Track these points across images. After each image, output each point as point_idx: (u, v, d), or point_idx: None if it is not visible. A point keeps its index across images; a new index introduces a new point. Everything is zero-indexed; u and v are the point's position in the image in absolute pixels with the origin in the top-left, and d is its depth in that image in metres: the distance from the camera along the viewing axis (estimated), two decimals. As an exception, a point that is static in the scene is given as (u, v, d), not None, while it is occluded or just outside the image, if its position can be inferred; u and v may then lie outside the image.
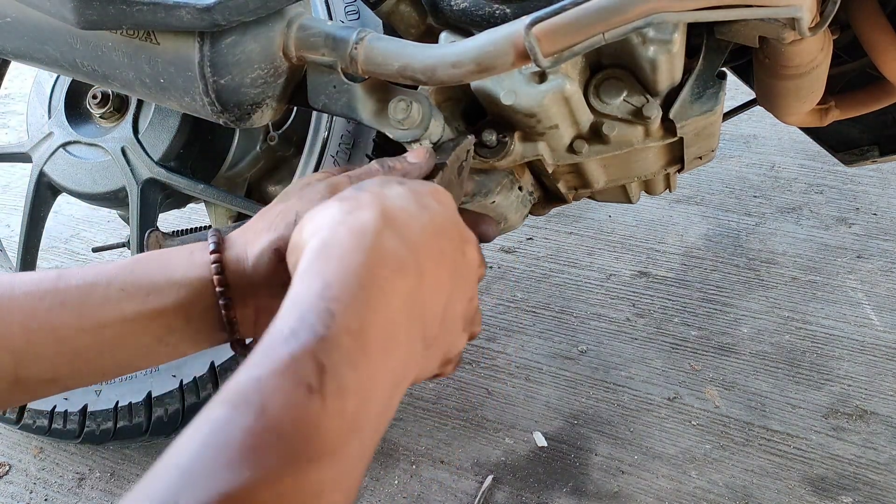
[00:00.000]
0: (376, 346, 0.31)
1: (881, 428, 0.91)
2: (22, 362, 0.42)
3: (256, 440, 0.25)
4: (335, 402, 0.28)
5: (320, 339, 0.29)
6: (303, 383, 0.27)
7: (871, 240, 1.26)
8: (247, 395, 0.27)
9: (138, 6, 0.52)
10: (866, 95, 0.73)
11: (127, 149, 0.86)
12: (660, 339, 1.08)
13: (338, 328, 0.30)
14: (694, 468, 0.88)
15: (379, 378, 0.31)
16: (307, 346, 0.29)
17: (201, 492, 0.23)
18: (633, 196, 0.79)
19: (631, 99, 0.60)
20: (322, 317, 0.30)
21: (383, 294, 0.33)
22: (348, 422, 0.29)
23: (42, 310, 0.42)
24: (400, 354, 0.33)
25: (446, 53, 0.50)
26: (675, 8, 0.44)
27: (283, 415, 0.26)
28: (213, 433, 0.25)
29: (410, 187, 0.41)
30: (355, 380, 0.29)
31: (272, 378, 0.27)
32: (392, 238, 0.35)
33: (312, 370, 0.28)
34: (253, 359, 0.29)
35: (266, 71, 0.56)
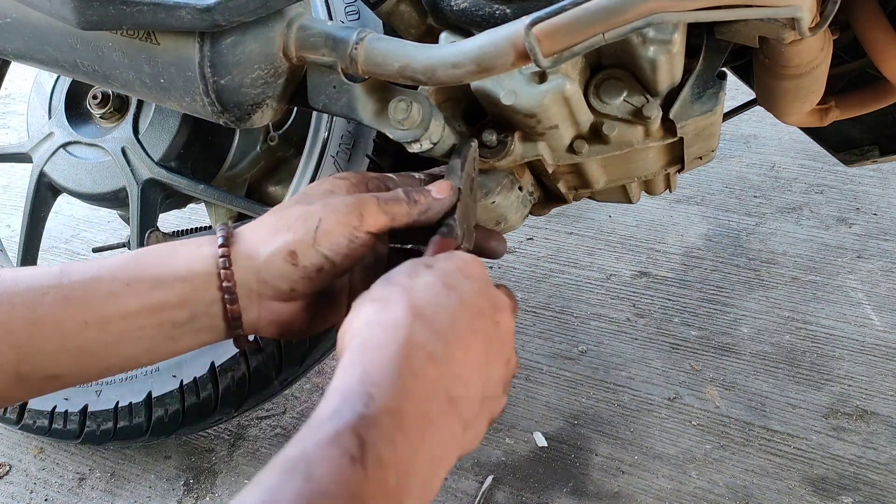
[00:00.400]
0: (412, 425, 0.34)
1: (881, 428, 0.91)
2: (25, 358, 0.41)
3: (306, 502, 0.28)
4: (376, 473, 0.30)
5: (361, 416, 0.32)
6: (346, 453, 0.30)
7: (871, 240, 1.26)
8: (295, 463, 0.29)
9: (139, 6, 0.52)
10: (866, 95, 0.73)
11: (127, 149, 0.86)
12: (660, 340, 1.08)
13: (377, 408, 0.33)
14: (694, 468, 0.88)
15: (418, 455, 0.34)
16: (349, 422, 0.31)
17: None
18: (633, 196, 0.79)
19: (631, 99, 0.60)
20: (362, 398, 0.33)
21: (416, 380, 0.36)
22: (390, 493, 0.31)
23: (45, 305, 0.42)
24: (437, 433, 0.36)
25: (446, 54, 0.50)
26: (675, 8, 0.44)
27: (330, 480, 0.29)
28: (265, 496, 0.28)
29: (438, 271, 0.42)
30: (394, 454, 0.32)
31: (318, 449, 0.30)
32: (421, 331, 0.37)
33: (354, 443, 0.31)
34: (299, 435, 0.32)
35: (266, 71, 0.56)
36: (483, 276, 0.44)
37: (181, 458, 0.94)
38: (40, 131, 0.93)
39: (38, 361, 0.42)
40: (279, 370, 0.79)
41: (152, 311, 0.43)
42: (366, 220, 0.46)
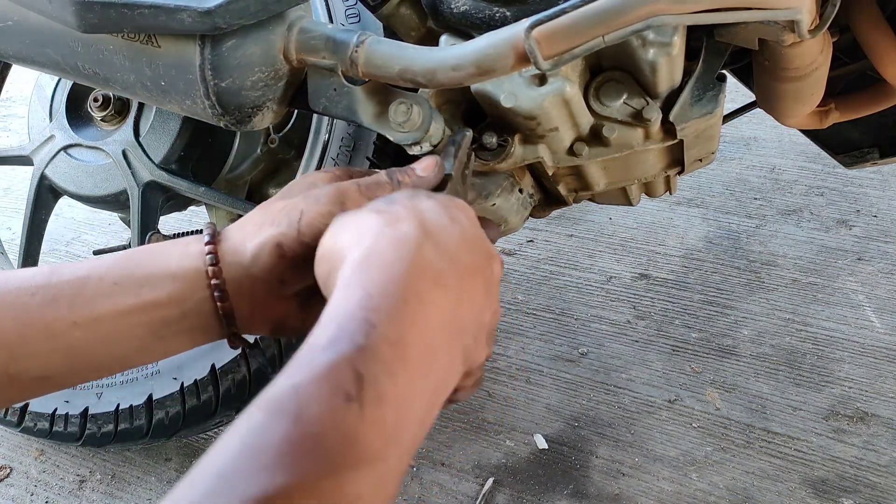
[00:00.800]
0: (416, 358, 0.31)
1: (882, 430, 0.91)
2: (14, 359, 0.41)
3: (294, 446, 0.25)
4: (373, 412, 0.28)
5: (359, 348, 0.29)
6: (341, 391, 0.27)
7: (871, 242, 1.26)
8: (283, 402, 0.27)
9: (139, 9, 0.52)
10: (866, 97, 0.73)
11: (128, 152, 0.86)
12: (660, 342, 1.08)
13: (377, 338, 0.30)
14: (695, 470, 0.88)
15: (418, 390, 0.31)
16: (346, 355, 0.29)
17: (237, 495, 0.23)
18: (633, 198, 0.79)
19: (631, 101, 0.60)
20: (362, 327, 0.30)
21: (423, 306, 0.33)
22: (387, 432, 0.28)
23: (34, 305, 0.41)
24: (439, 367, 0.33)
25: (446, 56, 0.50)
26: (675, 10, 0.44)
27: (321, 422, 0.26)
28: (250, 438, 0.25)
29: (439, 201, 0.41)
30: (394, 391, 0.29)
31: (309, 386, 0.27)
32: (431, 250, 0.35)
33: (351, 379, 0.28)
34: (290, 367, 0.29)
35: (267, 74, 0.56)
36: (478, 223, 0.43)
37: (182, 460, 0.94)
38: (41, 134, 0.93)
39: (27, 362, 0.41)
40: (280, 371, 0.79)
41: (142, 309, 0.42)
42: (348, 206, 0.45)
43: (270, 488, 0.23)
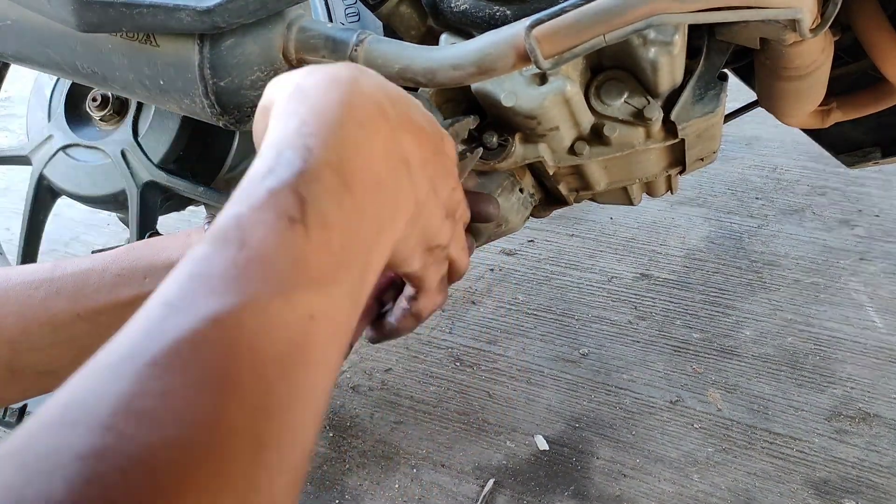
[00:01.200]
0: (360, 184, 0.30)
1: (884, 431, 0.91)
2: (17, 353, 0.41)
3: (241, 270, 0.24)
4: (320, 234, 0.27)
5: (299, 172, 0.28)
6: (284, 216, 0.26)
7: (873, 242, 1.25)
8: (227, 231, 0.26)
9: (138, 9, 0.52)
10: (868, 97, 0.73)
11: (127, 152, 0.86)
12: (662, 342, 1.08)
13: (317, 162, 0.29)
14: (696, 471, 0.88)
15: (366, 218, 0.30)
16: (286, 180, 0.28)
17: (186, 319, 0.22)
18: (634, 198, 0.79)
19: (632, 100, 0.60)
20: (300, 152, 0.29)
21: (364, 131, 0.31)
22: (336, 254, 0.28)
23: (37, 299, 0.41)
24: (386, 198, 0.32)
25: (446, 55, 0.50)
26: (676, 9, 0.44)
27: (267, 245, 0.25)
28: (196, 268, 0.24)
29: None
30: (339, 215, 0.28)
31: (252, 213, 0.26)
32: (370, 85, 0.34)
33: (293, 203, 0.27)
34: (231, 200, 0.28)
35: (266, 73, 0.56)
36: None
37: (181, 461, 0.94)
38: (40, 134, 0.93)
39: (30, 357, 0.41)
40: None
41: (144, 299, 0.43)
42: None
43: (220, 310, 0.23)
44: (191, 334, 0.22)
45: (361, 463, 0.92)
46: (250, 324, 0.23)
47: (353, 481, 0.90)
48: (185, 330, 0.22)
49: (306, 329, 0.25)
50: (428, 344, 1.11)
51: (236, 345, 0.22)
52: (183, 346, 0.21)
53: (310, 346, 0.25)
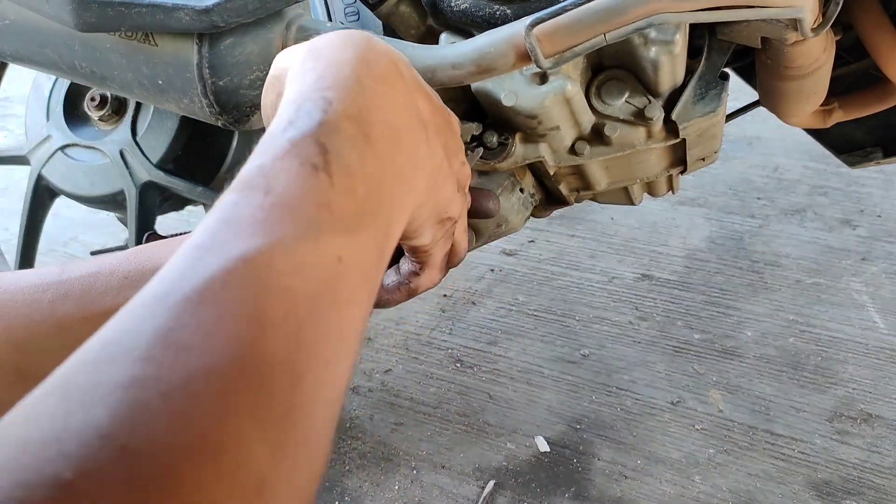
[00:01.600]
0: (379, 135, 0.30)
1: (886, 431, 0.90)
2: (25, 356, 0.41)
3: (268, 213, 0.25)
4: (343, 181, 0.27)
5: (320, 123, 0.28)
6: (307, 163, 0.27)
7: (875, 242, 1.25)
8: (252, 179, 0.26)
9: (137, 8, 0.51)
10: (870, 97, 0.73)
11: (125, 151, 0.86)
12: (663, 343, 1.07)
13: (337, 114, 0.29)
14: (697, 473, 0.87)
15: (387, 169, 0.30)
16: (307, 130, 0.28)
17: (217, 259, 0.22)
18: (635, 198, 0.78)
19: (633, 100, 0.60)
20: (319, 104, 0.29)
21: (380, 86, 0.32)
22: (360, 202, 0.28)
23: (45, 301, 0.41)
24: (406, 150, 0.32)
25: (446, 55, 0.50)
26: (677, 9, 0.43)
27: (292, 191, 0.26)
28: (223, 213, 0.25)
29: None
30: (360, 164, 0.28)
31: (275, 163, 0.26)
32: (383, 46, 0.34)
33: (316, 151, 0.27)
34: (254, 153, 0.28)
35: (265, 72, 0.56)
36: None
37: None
38: (38, 134, 0.93)
39: (37, 359, 0.41)
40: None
41: None
42: None
43: (250, 250, 0.23)
44: (223, 273, 0.22)
45: (361, 464, 0.92)
46: (280, 264, 0.23)
47: (353, 483, 0.90)
48: (217, 269, 0.22)
49: (335, 270, 0.25)
50: (428, 345, 1.11)
51: (267, 282, 0.23)
52: (216, 284, 0.22)
53: (339, 287, 0.25)
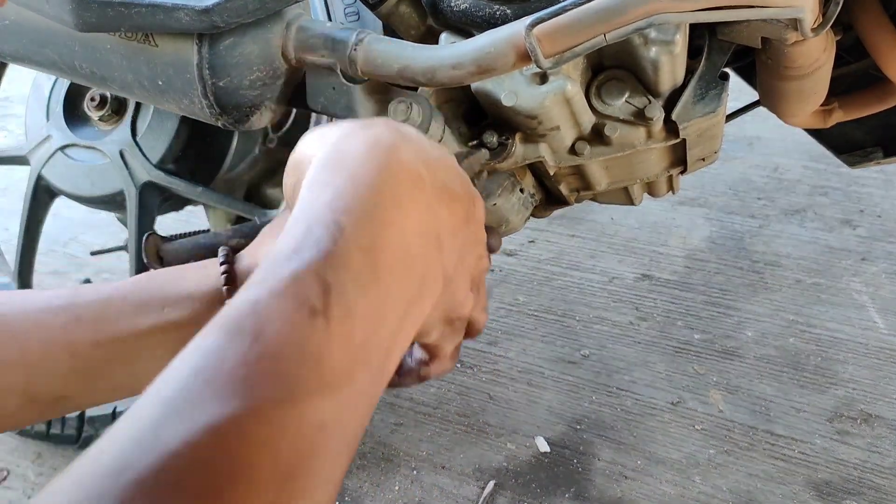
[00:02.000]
0: (390, 266, 0.28)
1: (886, 432, 0.90)
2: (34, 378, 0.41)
3: (250, 368, 0.22)
4: (341, 328, 0.25)
5: (327, 255, 0.26)
6: (305, 305, 0.25)
7: (875, 242, 1.25)
8: (242, 319, 0.24)
9: (137, 8, 0.51)
10: (870, 97, 0.73)
11: (125, 152, 0.86)
12: (663, 343, 1.07)
13: (347, 244, 0.27)
14: (698, 473, 0.87)
15: (391, 302, 0.28)
16: (312, 263, 0.26)
17: (184, 424, 0.20)
18: (635, 198, 0.78)
19: (633, 100, 0.60)
20: (330, 230, 0.27)
21: (400, 208, 0.30)
22: (355, 350, 0.26)
23: (57, 326, 0.41)
24: (415, 277, 0.30)
25: (446, 55, 0.50)
26: (677, 9, 0.43)
27: (282, 340, 0.24)
28: (202, 362, 0.23)
29: None
30: (364, 303, 0.26)
31: (271, 300, 0.24)
32: (409, 153, 0.32)
33: (317, 291, 0.25)
34: (252, 280, 0.26)
35: (265, 73, 0.56)
36: None
37: (180, 462, 0.94)
38: (38, 134, 0.93)
39: (47, 383, 0.41)
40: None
41: (164, 329, 0.42)
42: None
43: (221, 417, 0.21)
44: (186, 448, 0.20)
45: (361, 465, 0.92)
46: (254, 434, 0.21)
47: (353, 483, 0.90)
48: (180, 441, 0.20)
49: (315, 440, 0.23)
50: (428, 345, 1.11)
51: (236, 460, 0.20)
52: (177, 462, 0.20)
53: (317, 459, 0.23)
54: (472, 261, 0.39)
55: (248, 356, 0.23)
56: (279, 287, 0.25)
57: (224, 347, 0.23)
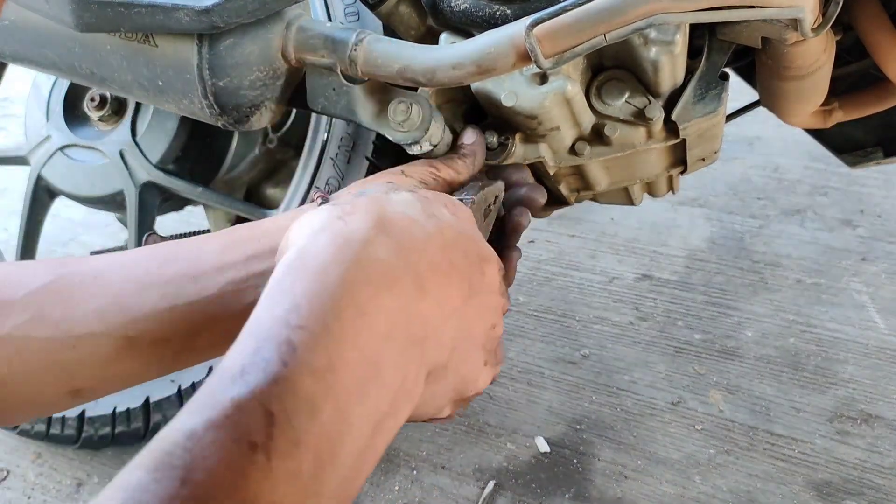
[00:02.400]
0: (349, 385, 0.26)
1: (886, 432, 0.90)
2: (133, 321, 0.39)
3: None
4: (284, 462, 0.23)
5: (273, 380, 0.24)
6: (244, 439, 0.22)
7: (875, 242, 1.25)
8: (172, 454, 0.22)
9: (136, 9, 0.51)
10: (870, 97, 0.73)
11: (125, 152, 0.86)
12: (663, 343, 1.07)
13: (298, 367, 0.25)
14: (698, 473, 0.87)
15: (353, 419, 0.26)
16: (255, 390, 0.23)
17: None
18: (635, 198, 0.78)
19: (633, 100, 0.60)
20: (280, 351, 0.25)
21: (364, 318, 0.28)
22: (303, 484, 0.23)
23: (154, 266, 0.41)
24: (385, 390, 0.28)
25: (446, 55, 0.50)
26: (677, 9, 0.43)
27: (215, 482, 0.21)
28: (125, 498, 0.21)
29: (421, 194, 0.37)
30: (316, 430, 0.24)
31: (207, 432, 0.22)
32: (385, 247, 0.30)
33: (259, 421, 0.23)
34: (191, 404, 0.24)
35: (265, 73, 0.56)
36: (471, 223, 0.38)
37: (180, 463, 0.94)
38: (38, 134, 0.93)
39: (145, 325, 0.39)
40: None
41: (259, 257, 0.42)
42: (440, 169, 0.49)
43: None
44: None
45: (361, 464, 0.92)
46: None
47: (353, 483, 0.90)
48: None
49: None
50: (428, 345, 1.10)
51: None
52: None
53: None
54: (481, 333, 0.37)
55: (175, 497, 0.21)
56: (218, 416, 0.23)
57: (147, 488, 0.21)
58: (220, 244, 0.43)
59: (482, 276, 0.36)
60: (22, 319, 0.37)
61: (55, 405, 0.40)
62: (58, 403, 0.40)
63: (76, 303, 0.39)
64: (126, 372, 0.41)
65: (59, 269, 0.40)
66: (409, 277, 0.31)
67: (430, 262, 0.32)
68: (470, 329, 0.35)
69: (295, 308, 0.27)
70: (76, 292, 0.39)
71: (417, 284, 0.31)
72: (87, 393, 0.41)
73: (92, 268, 0.41)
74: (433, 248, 0.33)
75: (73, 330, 0.38)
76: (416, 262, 0.31)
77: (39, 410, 0.41)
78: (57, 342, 0.38)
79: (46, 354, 0.38)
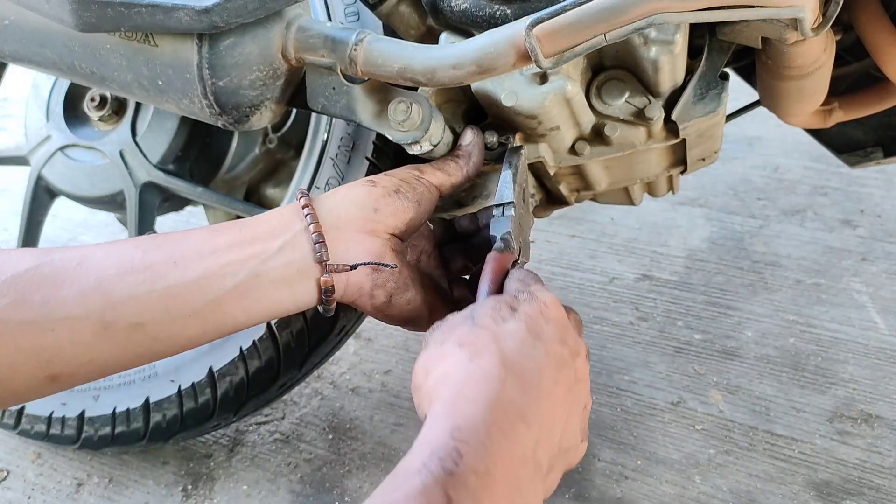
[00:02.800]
0: (500, 488, 0.34)
1: (886, 432, 0.90)
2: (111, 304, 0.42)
3: None
4: None
5: (449, 474, 0.32)
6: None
7: (875, 242, 1.25)
8: None
9: (136, 8, 0.51)
10: (870, 97, 0.73)
11: (125, 152, 0.86)
12: (663, 343, 1.07)
13: (465, 467, 0.33)
14: (698, 473, 0.87)
15: None
16: (438, 478, 0.32)
17: None
18: (635, 198, 0.78)
19: (633, 100, 0.60)
20: (452, 454, 0.33)
21: (507, 441, 0.36)
22: None
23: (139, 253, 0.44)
24: (522, 494, 0.36)
25: (446, 55, 0.50)
26: (677, 8, 0.43)
27: None
28: None
29: (523, 316, 0.42)
30: None
31: (406, 502, 0.30)
32: (513, 387, 0.38)
33: (442, 501, 0.31)
34: (384, 488, 0.32)
35: (265, 73, 0.56)
36: (562, 320, 0.45)
37: (179, 463, 0.93)
38: (38, 134, 0.93)
39: (124, 307, 0.42)
40: (278, 375, 0.78)
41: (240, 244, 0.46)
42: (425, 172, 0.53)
43: None
44: None
45: (361, 465, 0.92)
46: None
47: (353, 483, 0.89)
48: None
49: None
50: (428, 345, 1.10)
51: None
52: None
53: None
54: (577, 419, 0.44)
55: None
56: (411, 493, 0.31)
57: None
58: (205, 233, 0.46)
59: (574, 373, 0.44)
60: (3, 303, 0.39)
61: (33, 390, 0.43)
62: (36, 389, 0.43)
63: (58, 287, 0.41)
64: (103, 357, 0.43)
65: (45, 256, 0.43)
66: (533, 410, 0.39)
67: (544, 390, 0.40)
68: (570, 423, 0.43)
69: (457, 428, 0.35)
70: (59, 277, 0.41)
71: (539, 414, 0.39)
72: (65, 378, 0.43)
73: (77, 254, 0.43)
74: (545, 377, 0.40)
75: (53, 313, 0.41)
76: (536, 394, 0.39)
77: (17, 396, 0.43)
78: (36, 326, 0.40)
79: (25, 338, 0.40)
